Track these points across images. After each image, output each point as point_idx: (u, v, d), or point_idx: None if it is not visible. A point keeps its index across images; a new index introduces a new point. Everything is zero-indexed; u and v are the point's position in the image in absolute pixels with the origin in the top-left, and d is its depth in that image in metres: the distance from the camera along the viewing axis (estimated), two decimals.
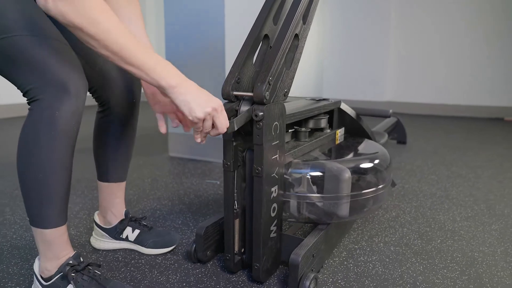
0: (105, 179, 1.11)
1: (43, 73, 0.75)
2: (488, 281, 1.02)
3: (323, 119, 1.19)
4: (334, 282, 1.00)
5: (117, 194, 1.14)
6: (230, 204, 0.98)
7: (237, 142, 0.95)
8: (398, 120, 2.71)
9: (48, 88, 0.75)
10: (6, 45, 0.74)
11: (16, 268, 1.06)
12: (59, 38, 0.80)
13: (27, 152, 0.79)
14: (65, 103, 0.76)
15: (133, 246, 1.17)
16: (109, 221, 1.16)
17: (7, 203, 1.55)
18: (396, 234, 1.29)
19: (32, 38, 0.75)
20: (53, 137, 0.77)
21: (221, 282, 1.00)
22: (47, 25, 0.79)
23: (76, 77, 0.78)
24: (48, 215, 0.82)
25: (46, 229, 0.83)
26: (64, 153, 0.80)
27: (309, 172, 1.01)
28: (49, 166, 0.79)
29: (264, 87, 0.86)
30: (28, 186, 0.81)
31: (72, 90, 0.77)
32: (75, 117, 0.79)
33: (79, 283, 0.85)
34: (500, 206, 1.56)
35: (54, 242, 0.85)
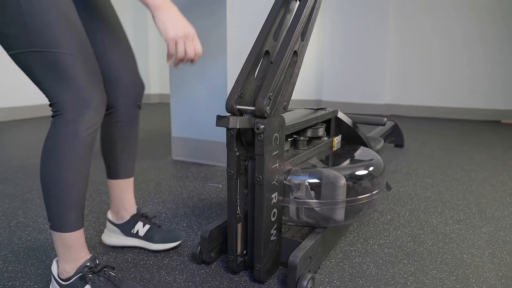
0: (114, 176, 1.18)
1: (72, 90, 0.84)
2: (475, 281, 1.08)
3: (320, 128, 1.26)
4: (330, 282, 1.07)
5: (127, 190, 1.21)
6: (233, 209, 1.05)
7: (240, 152, 1.02)
8: (396, 124, 2.78)
9: (73, 103, 0.84)
10: (49, 59, 0.82)
11: (33, 268, 1.13)
12: (91, 54, 0.89)
13: (51, 163, 0.87)
14: (86, 117, 0.85)
15: (141, 242, 1.23)
16: (122, 216, 1.23)
17: (19, 206, 1.62)
18: (390, 237, 1.36)
19: (71, 57, 0.83)
20: (75, 149, 0.85)
21: (225, 282, 1.07)
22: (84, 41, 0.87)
23: (98, 94, 0.88)
24: (67, 220, 0.89)
25: (66, 233, 0.90)
26: (83, 163, 0.88)
27: (307, 179, 1.08)
28: (70, 175, 0.87)
29: (265, 102, 0.93)
30: (50, 194, 0.88)
31: (93, 105, 0.86)
32: (95, 130, 0.88)
33: (96, 284, 0.91)
34: (491, 209, 1.62)
35: (72, 245, 0.92)
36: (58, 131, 0.85)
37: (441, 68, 4.42)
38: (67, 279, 0.93)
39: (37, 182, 1.95)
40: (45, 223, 1.45)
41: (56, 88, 0.84)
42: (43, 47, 0.81)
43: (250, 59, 1.05)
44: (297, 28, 1.02)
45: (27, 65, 0.84)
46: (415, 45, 4.51)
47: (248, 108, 0.99)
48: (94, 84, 0.87)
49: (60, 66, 0.82)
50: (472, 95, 4.32)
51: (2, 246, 1.27)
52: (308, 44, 1.09)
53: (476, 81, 4.29)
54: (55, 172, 0.87)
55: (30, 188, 1.85)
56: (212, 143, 2.24)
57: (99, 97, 0.88)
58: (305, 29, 1.07)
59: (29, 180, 1.99)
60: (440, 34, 4.37)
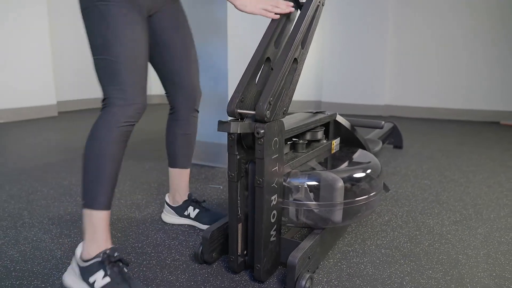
0: (173, 165, 1.43)
1: (122, 92, 1.05)
2: (469, 281, 1.11)
3: (319, 131, 1.30)
4: (328, 282, 1.11)
5: (183, 179, 1.45)
6: (234, 211, 1.08)
7: (240, 156, 1.05)
8: (395, 126, 2.80)
9: (120, 102, 1.05)
10: (110, 66, 1.05)
11: (39, 268, 1.17)
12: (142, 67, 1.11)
13: (92, 145, 1.05)
14: (127, 113, 1.06)
15: (193, 222, 1.47)
16: (177, 200, 1.47)
17: (25, 207, 1.65)
18: (387, 238, 1.39)
19: (125, 68, 1.05)
20: (113, 136, 1.04)
21: (226, 281, 1.11)
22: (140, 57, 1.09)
23: (139, 98, 1.08)
24: (99, 197, 1.03)
25: (95, 210, 1.03)
26: (118, 149, 1.06)
27: (306, 181, 1.11)
28: (105, 157, 1.03)
29: (265, 107, 0.96)
30: (87, 171, 1.04)
31: (134, 107, 1.07)
32: (131, 125, 1.08)
33: (108, 272, 0.99)
34: (487, 210, 1.65)
35: (98, 225, 1.03)
36: (103, 120, 1.05)
37: (441, 69, 4.45)
38: (87, 260, 1.02)
39: (42, 183, 1.99)
40: (50, 224, 1.48)
41: (109, 88, 1.06)
42: (109, 56, 1.04)
43: (252, 65, 1.08)
44: (298, 36, 1.05)
45: (96, 67, 1.08)
46: (415, 46, 4.54)
47: (249, 112, 1.02)
48: (137, 90, 1.08)
49: (116, 72, 1.05)
50: (471, 96, 4.35)
51: (9, 246, 1.30)
52: (308, 52, 1.13)
53: (476, 82, 4.32)
54: (94, 152, 1.04)
55: (35, 189, 1.89)
56: (213, 145, 2.27)
57: (140, 101, 1.08)
58: (305, 37, 1.10)
59: (33, 181, 2.02)
60: (439, 35, 4.40)
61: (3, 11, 3.89)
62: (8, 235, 1.38)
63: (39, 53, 4.28)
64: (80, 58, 5.16)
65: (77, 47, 5.11)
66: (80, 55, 5.15)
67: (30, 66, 4.21)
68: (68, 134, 3.36)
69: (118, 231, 1.43)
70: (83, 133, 3.42)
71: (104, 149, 1.03)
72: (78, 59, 5.13)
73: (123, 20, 1.06)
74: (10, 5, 3.94)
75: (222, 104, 2.17)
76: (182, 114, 1.37)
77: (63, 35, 4.90)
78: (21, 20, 4.06)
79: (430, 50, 4.47)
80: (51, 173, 2.17)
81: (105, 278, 0.98)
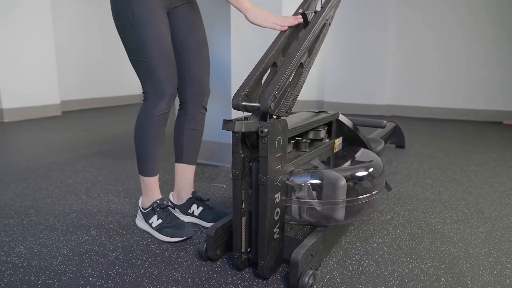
0: (180, 160, 1.51)
1: (157, 87, 1.27)
2: (470, 278, 1.13)
3: (322, 130, 1.31)
4: (331, 279, 1.12)
5: (188, 175, 1.52)
6: (238, 209, 1.10)
7: (244, 154, 1.07)
8: (397, 125, 2.81)
9: (156, 95, 1.28)
10: (145, 66, 1.26)
11: (46, 264, 1.18)
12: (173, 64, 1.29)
13: (138, 130, 1.33)
14: (161, 104, 1.29)
15: (197, 220, 1.51)
16: (181, 198, 1.53)
17: (31, 205, 1.67)
18: (389, 236, 1.41)
19: (159, 66, 1.25)
20: (152, 122, 1.30)
21: (230, 278, 1.12)
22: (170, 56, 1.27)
23: (171, 91, 1.30)
24: (147, 168, 1.36)
25: (146, 177, 1.37)
26: (157, 131, 1.32)
27: (309, 179, 1.13)
28: (148, 138, 1.32)
29: (270, 99, 0.98)
30: (138, 150, 1.35)
31: (167, 99, 1.30)
32: (165, 113, 1.32)
33: (160, 214, 1.38)
34: (489, 209, 1.66)
35: (149, 186, 1.39)
36: (144, 110, 1.31)
37: (442, 69, 4.45)
38: (145, 208, 1.41)
39: (47, 181, 2.01)
40: (55, 221, 1.50)
41: (147, 83, 1.28)
42: (144, 58, 1.24)
43: (259, 66, 1.10)
44: (305, 43, 1.08)
45: (135, 67, 1.28)
46: (416, 46, 4.54)
47: (254, 104, 1.04)
48: (170, 85, 1.29)
49: (151, 71, 1.25)
50: (473, 96, 4.35)
51: (17, 243, 1.32)
52: (313, 63, 1.16)
53: (477, 82, 4.32)
54: (140, 135, 1.33)
55: (40, 188, 1.91)
56: (216, 144, 2.29)
57: (172, 93, 1.30)
58: (313, 46, 1.12)
59: (38, 180, 2.04)
60: (440, 35, 4.40)
61: (7, 11, 3.92)
62: (15, 232, 1.40)
63: (43, 53, 4.31)
64: (84, 58, 5.19)
65: (81, 47, 5.13)
66: (83, 55, 5.18)
67: (34, 66, 4.24)
68: (72, 133, 3.38)
69: (123, 229, 1.45)
70: (87, 132, 3.44)
71: (146, 134, 1.31)
72: (81, 59, 5.16)
73: (151, 25, 1.21)
74: (14, 5, 3.96)
75: (226, 105, 2.18)
76: (190, 109, 1.45)
77: (67, 35, 4.93)
78: (25, 20, 4.09)
79: (431, 50, 4.47)
80: (56, 171, 2.20)
81: (158, 220, 1.37)
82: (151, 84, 1.27)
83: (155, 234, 1.37)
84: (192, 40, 1.37)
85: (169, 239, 1.34)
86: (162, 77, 1.26)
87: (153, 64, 1.24)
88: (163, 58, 1.25)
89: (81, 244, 1.32)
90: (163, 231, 1.35)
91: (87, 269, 1.16)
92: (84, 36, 5.18)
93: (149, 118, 1.30)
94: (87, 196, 1.80)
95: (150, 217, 1.39)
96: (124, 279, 1.11)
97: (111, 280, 1.10)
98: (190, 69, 1.39)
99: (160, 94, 1.28)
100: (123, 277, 1.12)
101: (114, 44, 5.61)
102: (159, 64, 1.24)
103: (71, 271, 1.15)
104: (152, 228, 1.38)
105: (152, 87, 1.27)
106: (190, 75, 1.40)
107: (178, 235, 1.33)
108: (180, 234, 1.33)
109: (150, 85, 1.27)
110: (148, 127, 1.30)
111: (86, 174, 2.16)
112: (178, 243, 1.33)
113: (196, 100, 1.44)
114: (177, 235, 1.33)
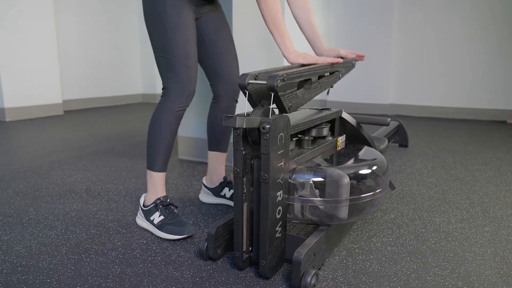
0: (213, 148, 1.61)
1: (178, 84, 1.34)
2: (476, 278, 1.10)
3: (325, 128, 1.29)
4: (334, 279, 1.10)
5: (220, 161, 1.63)
6: (240, 207, 1.08)
7: (246, 151, 1.05)
8: (400, 124, 2.79)
9: (176, 92, 1.34)
10: (168, 63, 1.33)
11: (45, 263, 1.17)
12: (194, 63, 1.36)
13: (153, 124, 1.37)
14: (180, 100, 1.35)
15: (228, 202, 1.63)
16: (214, 181, 1.65)
17: (30, 204, 1.66)
18: (393, 235, 1.38)
19: (180, 64, 1.32)
20: (168, 117, 1.35)
21: (231, 277, 1.10)
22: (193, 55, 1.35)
23: (190, 89, 1.36)
24: (157, 163, 1.39)
25: (154, 172, 1.40)
26: (172, 128, 1.37)
27: (312, 177, 1.10)
28: (162, 133, 1.36)
29: (277, 78, 0.97)
30: (150, 143, 1.38)
31: (185, 95, 1.35)
32: (183, 109, 1.37)
33: (162, 212, 1.38)
34: (495, 209, 1.64)
35: (156, 182, 1.41)
36: (162, 105, 1.36)
37: (446, 68, 4.42)
38: (147, 206, 1.42)
39: (48, 180, 2.00)
40: (55, 220, 1.49)
41: (168, 80, 1.34)
42: (170, 56, 1.32)
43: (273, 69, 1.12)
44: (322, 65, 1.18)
45: (158, 63, 1.35)
46: (419, 45, 4.51)
47: (260, 82, 1.03)
48: (189, 82, 1.35)
49: (174, 69, 1.33)
50: (477, 95, 4.32)
51: (15, 241, 1.31)
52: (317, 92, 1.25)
53: (481, 81, 4.29)
54: (155, 129, 1.36)
55: (40, 186, 1.90)
56: None
57: (190, 92, 1.37)
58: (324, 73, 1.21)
59: (39, 178, 2.03)
60: (444, 34, 4.37)
61: (9, 10, 3.92)
62: (14, 231, 1.39)
63: (45, 52, 4.30)
64: (86, 57, 5.19)
65: (83, 46, 5.13)
66: (85, 54, 5.18)
67: (36, 65, 4.23)
68: (73, 133, 3.37)
69: (123, 227, 1.43)
70: (89, 132, 3.43)
71: (161, 128, 1.36)
72: (83, 58, 5.15)
73: (181, 27, 1.31)
74: (16, 3, 3.96)
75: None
76: (224, 102, 1.55)
77: (69, 34, 4.92)
78: (27, 19, 4.08)
79: (434, 49, 4.44)
80: (57, 170, 2.18)
81: (160, 217, 1.37)
82: (173, 81, 1.33)
83: (156, 232, 1.37)
84: (221, 40, 1.48)
85: (170, 236, 1.33)
86: (184, 76, 1.33)
87: (177, 63, 1.32)
88: (187, 59, 1.33)
89: (80, 243, 1.31)
90: (164, 228, 1.35)
91: (86, 268, 1.14)
92: (86, 35, 5.17)
93: (166, 112, 1.35)
94: (88, 194, 1.79)
95: (152, 213, 1.39)
96: (123, 278, 1.09)
97: (110, 280, 1.08)
98: (222, 66, 1.49)
99: (180, 91, 1.34)
100: (122, 276, 1.10)
101: (116, 43, 5.60)
102: (184, 64, 1.32)
103: (69, 270, 1.13)
104: (153, 226, 1.38)
105: (173, 84, 1.34)
106: (224, 71, 1.50)
107: (180, 232, 1.33)
108: (181, 231, 1.33)
109: (172, 82, 1.34)
110: (164, 122, 1.35)
111: (87, 173, 2.14)
112: (179, 242, 1.32)
113: (230, 94, 1.53)
114: (178, 233, 1.33)
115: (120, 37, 5.69)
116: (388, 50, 4.61)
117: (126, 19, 5.77)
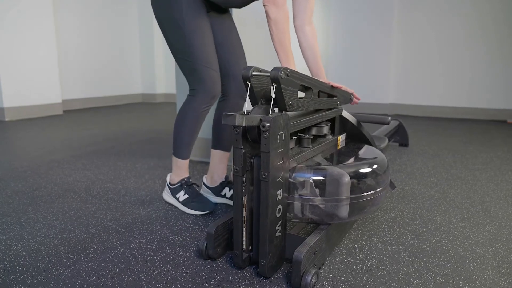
0: (216, 147, 1.64)
1: (204, 87, 1.43)
2: (477, 278, 1.10)
3: (325, 126, 1.28)
4: (334, 278, 1.09)
5: (222, 160, 1.65)
6: (239, 206, 1.07)
7: (245, 150, 1.04)
8: (400, 123, 2.78)
9: (203, 94, 1.44)
10: (190, 66, 1.41)
11: (43, 262, 1.16)
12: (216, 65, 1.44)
13: (180, 119, 1.50)
14: (205, 101, 1.45)
15: (228, 201, 1.65)
16: (214, 181, 1.67)
17: (29, 203, 1.65)
18: (394, 234, 1.38)
19: (203, 67, 1.40)
20: (194, 115, 1.47)
21: (230, 277, 1.09)
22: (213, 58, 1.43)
23: (215, 90, 1.45)
24: (182, 152, 1.54)
25: (179, 159, 1.55)
26: (196, 124, 1.49)
27: (312, 176, 1.10)
28: (187, 127, 1.48)
29: (281, 69, 0.97)
30: (176, 135, 1.52)
31: (210, 96, 1.45)
32: (207, 108, 1.48)
33: (186, 190, 1.56)
34: (495, 208, 1.63)
35: (180, 167, 1.57)
36: (189, 104, 1.47)
37: (446, 67, 4.41)
38: (173, 184, 1.59)
39: (47, 180, 1.99)
40: (54, 220, 1.48)
41: (194, 82, 1.44)
42: (190, 59, 1.40)
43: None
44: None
45: (179, 64, 1.44)
46: (419, 45, 4.50)
47: (263, 73, 1.02)
48: (213, 83, 1.43)
49: (197, 70, 1.41)
50: (477, 94, 4.31)
51: (14, 241, 1.30)
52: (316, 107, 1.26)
53: (481, 80, 4.28)
54: (181, 124, 1.49)
55: (39, 186, 1.89)
56: None
57: (216, 94, 1.46)
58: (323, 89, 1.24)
59: (38, 178, 2.02)
60: (444, 33, 4.36)
61: (9, 10, 3.91)
62: (12, 230, 1.38)
63: (45, 52, 4.30)
64: (86, 56, 5.18)
65: (83, 45, 5.12)
66: (85, 53, 5.17)
67: (36, 64, 4.22)
68: (72, 132, 3.37)
69: (122, 227, 1.42)
70: (88, 131, 3.42)
71: (187, 124, 1.48)
72: (83, 58, 5.15)
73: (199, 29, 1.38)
74: (16, 3, 3.95)
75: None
76: (232, 101, 1.60)
77: (69, 33, 4.91)
78: (27, 19, 4.07)
79: (434, 48, 4.43)
80: (56, 170, 2.17)
81: (185, 195, 1.56)
82: (199, 84, 1.42)
83: (181, 207, 1.56)
84: (229, 41, 1.55)
85: (194, 211, 1.52)
86: (208, 79, 1.41)
87: (199, 66, 1.39)
88: (208, 61, 1.40)
89: (79, 242, 1.30)
90: (188, 205, 1.53)
91: (84, 267, 1.14)
92: (86, 35, 5.16)
93: (193, 112, 1.46)
94: (87, 194, 1.78)
95: (177, 192, 1.57)
96: (122, 277, 1.08)
97: (109, 279, 1.08)
98: (231, 66, 1.55)
99: (206, 94, 1.43)
100: (121, 275, 1.10)
101: (116, 43, 5.60)
102: (206, 66, 1.40)
103: (68, 270, 1.12)
104: (179, 202, 1.56)
105: (199, 86, 1.42)
106: (233, 70, 1.56)
107: (202, 208, 1.52)
108: (204, 208, 1.52)
109: (198, 84, 1.42)
110: (190, 119, 1.47)
111: (87, 172, 2.13)
112: (178, 241, 1.31)
113: (239, 92, 1.58)
114: (201, 209, 1.52)
115: (120, 37, 5.68)
116: (388, 50, 4.61)
117: (126, 19, 5.77)
